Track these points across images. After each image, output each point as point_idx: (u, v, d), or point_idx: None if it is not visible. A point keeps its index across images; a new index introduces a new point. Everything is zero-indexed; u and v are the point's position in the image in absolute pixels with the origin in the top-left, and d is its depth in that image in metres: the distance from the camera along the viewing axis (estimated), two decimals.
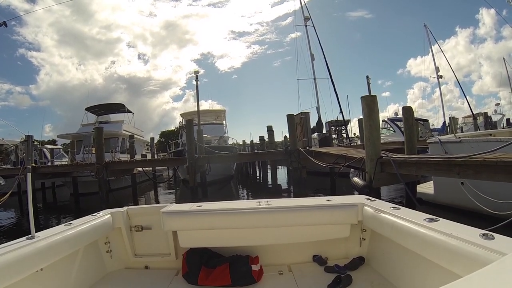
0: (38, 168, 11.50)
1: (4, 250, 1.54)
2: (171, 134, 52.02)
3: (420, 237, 1.56)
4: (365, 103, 5.01)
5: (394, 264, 1.98)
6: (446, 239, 1.39)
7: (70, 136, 18.84)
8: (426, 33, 22.03)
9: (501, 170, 3.09)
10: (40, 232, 1.87)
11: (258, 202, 2.40)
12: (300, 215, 2.24)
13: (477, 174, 3.42)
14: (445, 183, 6.20)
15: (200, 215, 2.26)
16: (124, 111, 21.75)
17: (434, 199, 6.66)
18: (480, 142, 5.29)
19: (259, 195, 13.00)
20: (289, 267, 2.34)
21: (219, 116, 23.20)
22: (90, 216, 2.36)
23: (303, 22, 20.05)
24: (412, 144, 5.76)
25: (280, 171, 19.17)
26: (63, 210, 12.08)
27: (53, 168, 12.14)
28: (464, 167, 3.53)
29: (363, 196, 2.51)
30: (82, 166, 11.13)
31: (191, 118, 22.74)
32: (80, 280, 2.09)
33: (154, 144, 23.85)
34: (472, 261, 1.20)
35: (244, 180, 20.27)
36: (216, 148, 11.50)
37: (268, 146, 15.07)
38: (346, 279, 1.99)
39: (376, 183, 4.82)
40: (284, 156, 9.32)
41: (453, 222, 1.58)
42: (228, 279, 2.11)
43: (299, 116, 13.14)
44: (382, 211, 2.01)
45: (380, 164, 4.82)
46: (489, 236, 1.29)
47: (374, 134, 4.94)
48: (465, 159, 3.47)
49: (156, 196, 14.26)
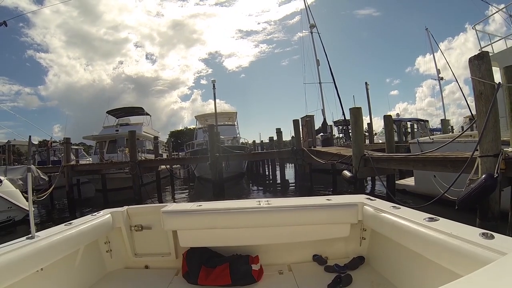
0: (76, 166, 13.33)
1: (4, 250, 1.54)
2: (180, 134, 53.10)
3: (420, 237, 1.57)
4: (352, 113, 6.50)
5: (394, 264, 1.99)
6: (446, 239, 1.39)
7: (94, 137, 20.37)
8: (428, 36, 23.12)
9: (433, 163, 4.56)
10: (40, 232, 1.87)
11: (258, 201, 2.42)
12: (300, 215, 2.25)
13: (424, 166, 4.89)
14: (422, 176, 7.60)
15: (200, 214, 2.26)
16: (143, 114, 23.28)
17: (415, 190, 8.08)
18: (441, 143, 6.71)
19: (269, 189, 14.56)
20: (289, 266, 2.35)
21: (231, 118, 24.76)
22: (90, 216, 2.36)
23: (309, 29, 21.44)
24: (390, 145, 7.25)
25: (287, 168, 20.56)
26: (95, 203, 13.49)
27: (90, 166, 13.88)
28: (416, 161, 5.01)
29: (363, 196, 2.52)
30: (118, 164, 12.84)
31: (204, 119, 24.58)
32: (80, 280, 2.10)
33: (171, 144, 25.54)
34: (472, 261, 1.20)
35: (254, 177, 21.81)
36: (231, 148, 13.08)
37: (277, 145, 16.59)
38: (346, 278, 2.00)
39: (360, 175, 6.30)
40: (291, 155, 10.89)
41: (453, 221, 1.58)
42: (228, 279, 2.12)
43: (305, 119, 14.57)
44: (382, 210, 2.01)
45: (364, 160, 6.28)
46: (489, 235, 1.29)
47: (358, 137, 6.43)
48: (415, 156, 4.95)
49: (173, 190, 15.80)
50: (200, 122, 25.46)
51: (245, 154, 12.60)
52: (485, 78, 3.54)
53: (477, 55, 3.70)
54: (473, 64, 3.67)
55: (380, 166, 5.88)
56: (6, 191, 7.85)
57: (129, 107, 23.43)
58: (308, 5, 20.86)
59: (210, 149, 10.09)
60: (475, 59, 3.68)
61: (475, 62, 3.65)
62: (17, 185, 8.50)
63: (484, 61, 3.60)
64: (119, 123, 21.23)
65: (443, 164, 4.43)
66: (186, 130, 58.75)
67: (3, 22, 9.59)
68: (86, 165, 14.47)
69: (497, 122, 3.52)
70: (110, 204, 11.04)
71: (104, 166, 13.53)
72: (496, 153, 3.42)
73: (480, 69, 3.59)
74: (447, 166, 4.32)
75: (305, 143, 12.65)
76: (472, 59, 3.71)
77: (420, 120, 18.65)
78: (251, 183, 18.69)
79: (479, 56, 3.67)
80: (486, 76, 3.55)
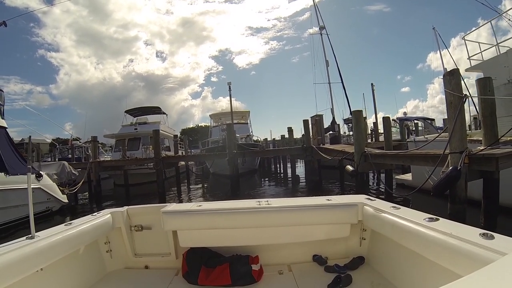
0: (103, 162, 14.71)
1: (4, 250, 1.54)
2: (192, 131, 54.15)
3: (420, 237, 1.57)
4: (354, 116, 7.48)
5: (394, 264, 1.99)
6: (446, 239, 1.40)
7: (114, 136, 21.24)
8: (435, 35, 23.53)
9: (418, 159, 5.51)
10: (40, 232, 1.87)
11: (258, 201, 2.42)
12: (300, 215, 2.25)
13: (412, 161, 5.84)
14: (418, 172, 8.47)
15: (200, 214, 2.27)
16: (159, 113, 24.35)
17: (412, 184, 8.95)
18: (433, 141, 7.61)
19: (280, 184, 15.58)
20: (289, 266, 2.36)
21: (243, 116, 25.86)
22: (90, 216, 2.36)
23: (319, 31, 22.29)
24: (388, 143, 8.19)
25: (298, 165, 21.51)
26: (117, 196, 14.82)
27: (115, 162, 15.19)
28: (405, 157, 5.95)
29: (363, 196, 2.54)
30: (143, 160, 14.11)
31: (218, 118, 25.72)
32: (80, 280, 2.10)
33: (187, 142, 26.75)
34: (472, 261, 1.21)
35: (266, 173, 22.89)
36: (246, 145, 14.18)
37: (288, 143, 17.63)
38: (346, 278, 2.00)
39: (361, 169, 7.26)
40: (301, 152, 11.92)
41: (453, 221, 1.59)
42: (228, 279, 2.13)
43: (315, 118, 15.51)
44: (382, 210, 2.02)
45: (364, 157, 7.23)
46: (489, 235, 1.31)
47: (359, 137, 7.40)
48: (405, 153, 5.90)
49: (189, 184, 17.10)
50: (214, 120, 26.72)
51: (260, 151, 13.73)
52: (454, 91, 4.45)
53: (449, 71, 4.62)
54: (446, 78, 4.58)
55: (377, 161, 6.83)
56: (45, 184, 8.90)
57: (146, 107, 24.54)
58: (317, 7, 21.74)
59: (228, 146, 11.22)
60: (447, 75, 4.59)
61: (447, 77, 4.56)
62: (53, 179, 9.58)
63: (454, 77, 4.50)
64: (138, 122, 22.15)
65: (425, 160, 5.36)
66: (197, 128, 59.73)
67: (2, 22, 9.56)
68: (112, 161, 15.77)
69: (463, 126, 4.43)
70: (132, 197, 12.41)
71: (130, 162, 14.75)
72: (462, 150, 4.34)
73: (451, 83, 4.50)
74: (428, 161, 5.25)
75: (315, 141, 13.62)
76: (445, 74, 4.62)
77: (427, 119, 19.25)
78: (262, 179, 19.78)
79: (450, 72, 4.59)
80: (455, 89, 4.46)
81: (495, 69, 6.73)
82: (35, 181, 8.48)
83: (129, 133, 20.09)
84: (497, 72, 6.64)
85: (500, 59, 6.73)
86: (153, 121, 23.90)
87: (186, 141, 27.05)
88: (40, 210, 8.52)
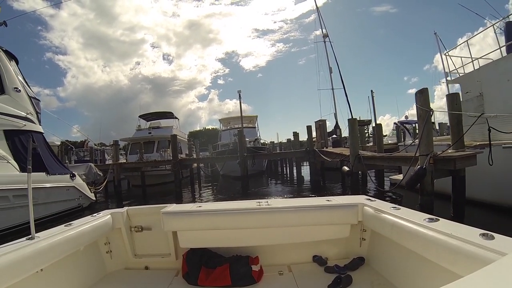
0: (124, 164, 16.12)
1: (4, 250, 1.54)
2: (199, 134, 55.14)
3: (420, 237, 1.58)
4: (350, 123, 8.71)
5: (394, 264, 2.00)
6: (446, 239, 1.41)
7: (130, 139, 22.54)
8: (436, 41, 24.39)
9: (399, 160, 6.68)
10: (40, 233, 1.87)
11: (258, 202, 2.42)
12: (300, 215, 2.26)
13: (395, 162, 6.99)
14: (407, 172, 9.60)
15: (200, 215, 2.27)
16: (172, 118, 25.73)
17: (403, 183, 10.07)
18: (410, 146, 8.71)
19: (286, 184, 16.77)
20: (289, 267, 2.35)
21: (251, 121, 27.13)
22: (90, 217, 2.36)
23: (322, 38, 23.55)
24: (380, 146, 9.42)
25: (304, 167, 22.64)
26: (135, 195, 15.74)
27: (135, 164, 16.52)
28: (389, 159, 7.12)
29: (363, 196, 2.54)
30: (161, 162, 15.47)
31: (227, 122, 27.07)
32: (80, 281, 2.11)
33: (198, 145, 28.12)
34: (473, 261, 1.21)
35: (273, 174, 24.09)
36: (255, 148, 15.45)
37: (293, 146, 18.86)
38: (346, 279, 2.01)
39: (355, 169, 8.43)
40: (305, 154, 13.17)
41: (453, 222, 1.60)
42: (228, 280, 2.14)
43: (318, 123, 16.70)
44: (382, 211, 2.03)
45: (358, 159, 8.40)
46: (489, 236, 1.31)
47: (354, 141, 8.59)
48: (389, 155, 7.07)
49: (200, 184, 18.28)
50: (223, 124, 28.10)
51: (268, 153, 15.04)
52: (423, 106, 5.62)
53: (420, 90, 5.78)
54: (417, 95, 5.75)
55: (368, 163, 8.01)
56: (78, 183, 10.03)
57: (159, 112, 25.78)
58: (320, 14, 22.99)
59: (239, 149, 12.50)
60: (418, 93, 5.76)
61: (418, 95, 5.73)
62: (82, 179, 10.68)
63: (423, 94, 5.67)
64: (151, 126, 23.43)
65: (403, 161, 6.52)
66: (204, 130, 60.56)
67: (3, 22, 9.65)
68: (133, 163, 17.08)
69: (430, 134, 5.59)
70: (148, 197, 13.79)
71: (148, 164, 16.07)
72: (427, 153, 5.49)
73: (421, 99, 5.67)
74: (406, 162, 6.40)
75: (319, 144, 14.83)
76: (417, 93, 5.80)
77: None
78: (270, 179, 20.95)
79: (420, 91, 5.76)
80: (424, 104, 5.63)
81: (470, 83, 7.84)
82: (70, 181, 9.65)
83: (144, 136, 21.37)
84: (471, 86, 7.76)
85: (474, 74, 7.81)
86: (166, 126, 25.29)
87: (198, 145, 28.44)
88: (73, 206, 9.67)
